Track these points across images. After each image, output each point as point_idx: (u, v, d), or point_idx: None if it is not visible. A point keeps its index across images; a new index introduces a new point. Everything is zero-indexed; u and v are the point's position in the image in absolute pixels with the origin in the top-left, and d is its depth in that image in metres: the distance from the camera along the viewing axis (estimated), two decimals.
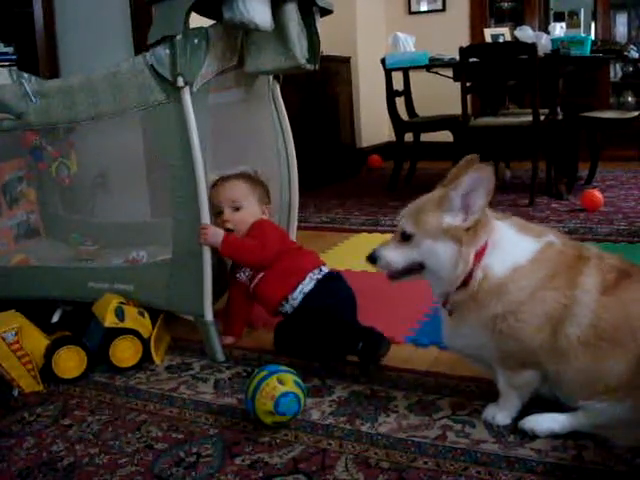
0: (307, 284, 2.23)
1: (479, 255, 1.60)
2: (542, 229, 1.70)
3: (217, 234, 2.17)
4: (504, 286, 1.59)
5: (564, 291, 1.57)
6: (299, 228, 2.81)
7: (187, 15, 2.05)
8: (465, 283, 1.61)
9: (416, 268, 1.67)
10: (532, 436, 1.63)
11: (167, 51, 2.06)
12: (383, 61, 5.05)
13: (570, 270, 1.60)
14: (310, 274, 2.25)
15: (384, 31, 6.71)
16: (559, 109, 4.54)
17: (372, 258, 1.71)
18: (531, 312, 1.58)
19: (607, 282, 1.57)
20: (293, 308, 2.23)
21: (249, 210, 2.32)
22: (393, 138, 5.56)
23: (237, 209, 2.30)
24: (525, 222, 1.72)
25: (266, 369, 1.78)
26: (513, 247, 1.63)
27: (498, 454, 1.58)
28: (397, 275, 1.70)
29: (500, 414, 1.71)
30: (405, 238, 1.65)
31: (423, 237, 1.62)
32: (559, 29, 4.95)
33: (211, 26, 2.16)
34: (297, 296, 2.22)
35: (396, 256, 1.67)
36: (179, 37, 2.04)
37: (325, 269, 2.31)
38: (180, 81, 2.06)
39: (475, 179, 1.56)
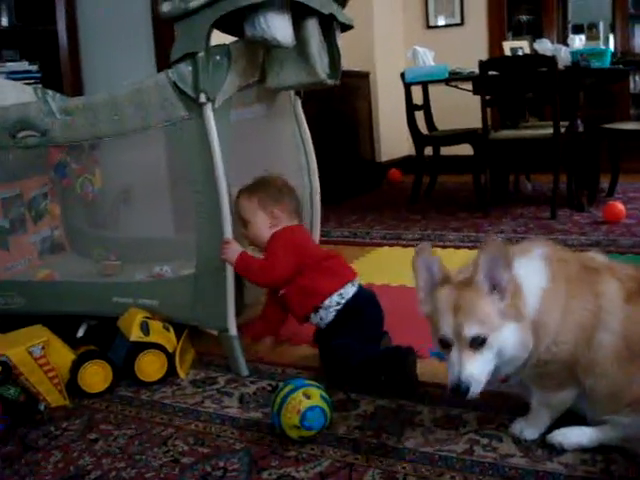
0: (328, 308, 2.19)
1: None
2: (527, 245, 1.68)
3: (234, 251, 2.17)
4: (542, 319, 1.54)
5: (588, 298, 1.55)
6: (320, 242, 2.81)
7: (209, 32, 2.07)
8: None
9: None
10: (560, 450, 1.62)
11: (189, 68, 2.09)
12: (402, 75, 5.07)
13: (585, 279, 1.58)
14: (333, 296, 2.19)
15: (402, 46, 6.73)
16: (579, 121, 4.53)
17: (460, 388, 1.48)
18: (568, 329, 1.55)
19: (629, 291, 1.56)
20: (323, 321, 2.21)
21: (256, 224, 2.26)
22: (412, 152, 5.56)
23: (246, 225, 2.29)
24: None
25: (292, 383, 1.79)
26: (531, 275, 1.57)
27: (526, 468, 1.57)
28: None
29: (528, 429, 1.70)
30: (478, 343, 1.49)
31: (494, 331, 1.50)
32: (578, 41, 4.95)
33: (233, 43, 2.19)
34: (323, 314, 2.19)
35: (480, 369, 1.50)
36: (201, 54, 2.07)
37: (351, 288, 2.23)
38: (202, 97, 2.08)
39: (490, 256, 1.51)
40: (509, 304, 1.50)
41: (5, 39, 3.99)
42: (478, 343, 1.48)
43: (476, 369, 1.48)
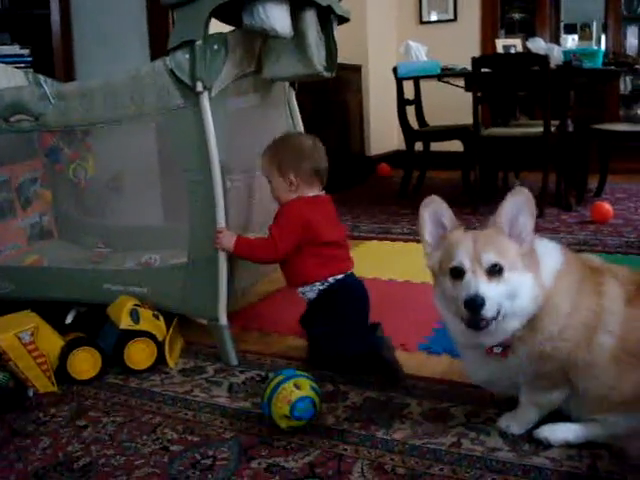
0: (312, 286, 2.22)
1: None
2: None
3: (229, 238, 2.17)
4: (553, 299, 1.54)
5: (593, 298, 1.56)
6: None
7: (207, 21, 2.06)
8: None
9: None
10: (547, 445, 1.63)
11: (187, 56, 2.08)
12: (395, 70, 5.07)
13: (591, 277, 1.59)
14: (317, 283, 2.22)
15: (395, 40, 6.74)
16: (570, 121, 4.55)
17: (476, 302, 1.46)
18: (573, 327, 1.54)
19: (629, 294, 1.56)
20: (306, 296, 2.24)
21: (274, 184, 2.26)
22: (402, 147, 5.58)
23: (270, 183, 2.28)
24: None
25: (283, 373, 1.79)
26: (548, 254, 1.59)
27: (513, 462, 1.58)
28: (486, 323, 1.50)
29: (515, 425, 1.70)
30: (495, 272, 1.49)
31: (511, 270, 1.50)
32: (571, 41, 4.98)
33: (230, 32, 2.19)
34: (307, 291, 2.23)
35: (494, 293, 1.48)
36: (199, 42, 2.06)
37: (340, 275, 2.24)
38: (199, 86, 2.07)
39: (515, 203, 1.55)
40: (528, 254, 1.53)
41: None
42: (496, 271, 1.48)
43: (491, 291, 1.47)
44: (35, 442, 1.78)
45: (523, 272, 1.51)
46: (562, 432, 1.64)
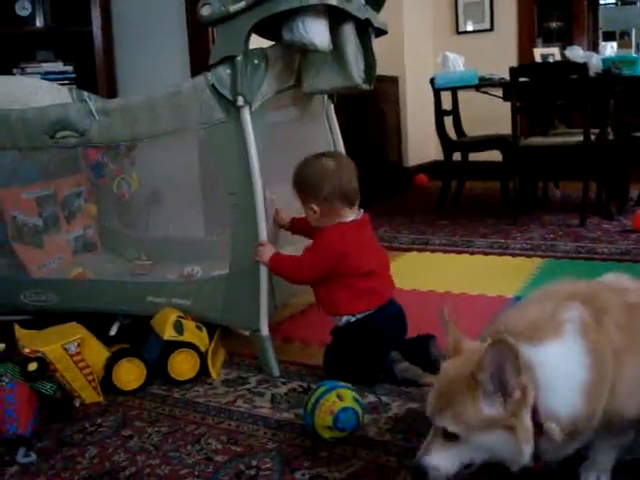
0: (345, 319, 2.17)
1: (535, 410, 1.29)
2: (553, 311, 1.38)
3: (267, 252, 2.18)
4: (583, 415, 1.30)
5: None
6: None
7: (248, 36, 2.10)
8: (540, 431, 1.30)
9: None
10: None
11: (228, 71, 2.12)
12: (432, 81, 5.07)
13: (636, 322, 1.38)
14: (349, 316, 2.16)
15: (431, 51, 6.75)
16: (610, 129, 4.50)
17: (419, 472, 1.34)
18: (629, 389, 1.34)
19: None
20: (336, 322, 2.20)
21: (305, 213, 2.23)
22: (440, 157, 5.57)
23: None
24: (533, 313, 1.41)
25: (325, 384, 1.81)
26: (560, 368, 1.30)
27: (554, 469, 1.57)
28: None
29: (602, 473, 1.49)
30: (450, 437, 1.32)
31: (470, 433, 1.30)
32: (610, 49, 4.93)
33: (270, 47, 2.21)
34: (339, 321, 2.19)
35: (446, 460, 1.33)
36: (240, 57, 2.09)
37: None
38: (240, 100, 2.10)
39: (495, 355, 1.26)
40: (509, 411, 1.27)
41: (40, 40, 4.03)
42: (451, 436, 1.31)
43: (440, 460, 1.33)
44: (82, 452, 1.81)
45: (495, 433, 1.28)
46: None
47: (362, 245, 2.16)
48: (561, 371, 1.30)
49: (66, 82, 3.62)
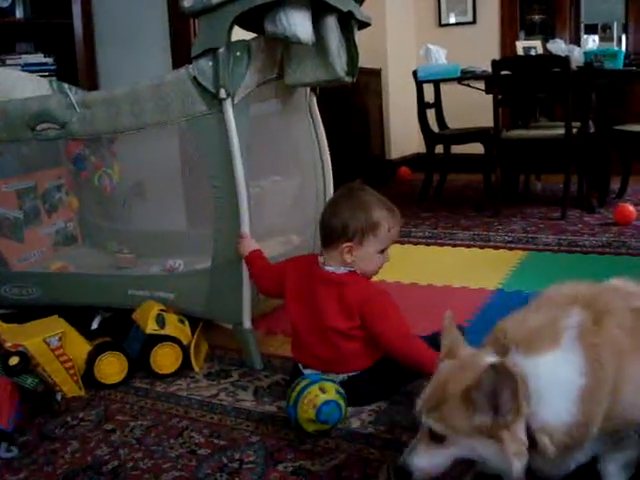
0: None
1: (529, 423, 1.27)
2: (553, 318, 1.35)
3: (246, 247, 2.16)
4: (581, 420, 1.26)
5: None
6: None
7: (230, 28, 2.08)
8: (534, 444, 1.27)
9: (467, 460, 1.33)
10: None
11: (210, 63, 2.10)
12: (415, 73, 5.08)
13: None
14: None
15: (414, 43, 6.75)
16: (591, 122, 4.53)
17: (403, 472, 1.33)
18: (635, 391, 1.30)
19: None
20: None
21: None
22: (422, 150, 5.57)
23: None
24: (532, 322, 1.37)
25: (308, 377, 1.81)
26: (555, 378, 1.28)
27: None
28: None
29: None
30: (436, 439, 1.31)
31: (456, 437, 1.29)
32: (592, 42, 4.95)
33: (253, 39, 2.20)
34: None
35: (431, 461, 1.32)
36: (222, 49, 2.08)
37: None
38: (222, 93, 2.09)
39: (494, 379, 1.23)
40: (500, 424, 1.25)
41: (20, 32, 4.00)
42: (437, 437, 1.30)
43: (426, 461, 1.32)
44: (64, 446, 1.80)
45: (483, 441, 1.26)
46: None
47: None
48: (556, 381, 1.27)
49: (46, 74, 3.60)
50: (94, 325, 2.49)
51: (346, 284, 1.92)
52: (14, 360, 1.95)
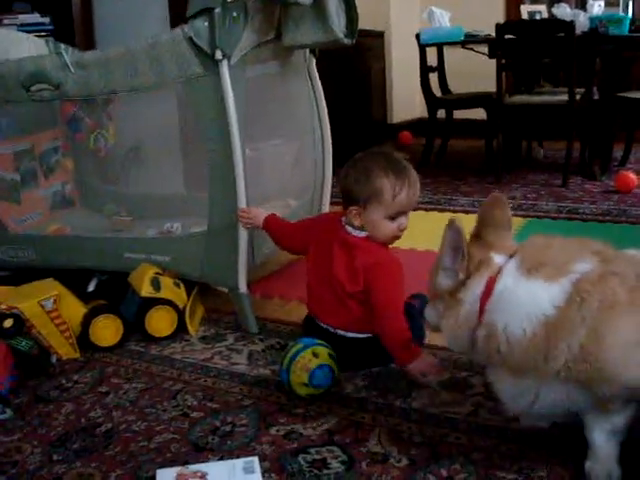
0: None
1: (484, 302, 1.38)
2: (567, 257, 1.37)
3: (258, 215, 2.16)
4: (542, 343, 1.31)
5: None
6: (331, 204, 2.81)
7: None
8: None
9: None
10: None
11: (206, 24, 2.07)
12: (418, 36, 5.01)
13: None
14: None
15: (418, 6, 6.63)
16: (595, 89, 4.48)
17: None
18: (621, 347, 1.28)
19: None
20: None
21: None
22: (425, 114, 5.52)
23: None
24: (544, 250, 1.42)
25: (301, 342, 1.81)
26: (529, 299, 1.34)
27: (529, 432, 1.58)
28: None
29: (603, 468, 1.41)
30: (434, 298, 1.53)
31: (431, 301, 1.53)
32: (597, 7, 4.86)
33: None
34: None
35: (430, 312, 1.54)
36: (218, 10, 2.04)
37: None
38: (218, 54, 2.06)
39: (453, 235, 1.40)
40: (457, 283, 1.41)
41: None
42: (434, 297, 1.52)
43: (428, 309, 1.54)
44: (58, 408, 1.81)
45: (435, 304, 1.49)
46: None
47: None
48: (528, 302, 1.33)
49: (43, 34, 3.54)
50: (90, 288, 2.48)
51: (358, 248, 1.92)
52: (8, 322, 1.96)
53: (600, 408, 1.36)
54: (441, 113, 5.26)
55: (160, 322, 2.18)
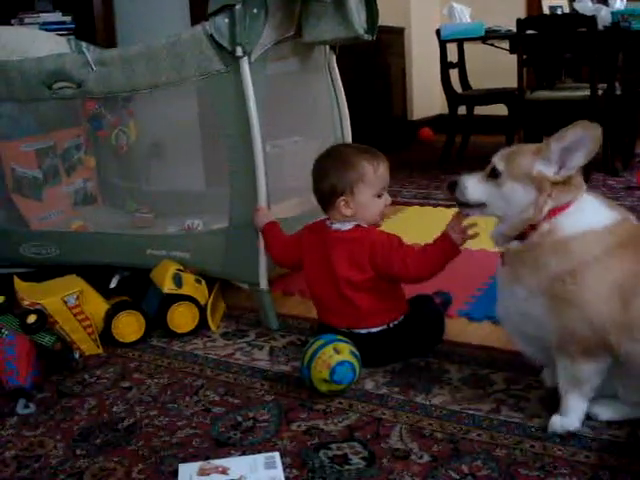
0: None
1: (556, 211, 1.53)
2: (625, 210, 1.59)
3: (262, 217, 2.16)
4: (568, 244, 1.50)
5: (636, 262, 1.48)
6: None
7: None
8: (525, 235, 1.56)
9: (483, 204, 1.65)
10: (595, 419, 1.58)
11: (226, 20, 2.07)
12: (438, 32, 4.99)
13: None
14: None
15: (438, 2, 6.62)
16: (617, 84, 4.44)
17: (452, 184, 1.69)
18: (594, 277, 1.47)
19: None
20: None
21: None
22: (445, 111, 5.50)
23: None
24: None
25: (322, 338, 1.80)
26: (593, 213, 1.53)
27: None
28: (467, 205, 1.69)
29: (568, 421, 1.56)
30: (493, 175, 1.60)
31: (509, 178, 1.57)
32: (619, 2, 4.81)
33: None
34: None
35: (477, 189, 1.64)
36: (238, 6, 2.05)
37: None
38: (239, 51, 2.06)
39: (579, 135, 1.50)
40: (556, 181, 1.52)
41: None
42: (493, 174, 1.60)
43: (473, 183, 1.65)
44: (81, 403, 1.83)
45: (527, 187, 1.55)
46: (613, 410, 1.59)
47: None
48: (591, 219, 1.52)
49: (65, 32, 3.57)
50: (112, 284, 2.50)
51: (356, 240, 1.93)
52: (32, 318, 1.97)
53: (563, 350, 1.52)
54: (462, 109, 5.24)
55: (182, 318, 2.19)
